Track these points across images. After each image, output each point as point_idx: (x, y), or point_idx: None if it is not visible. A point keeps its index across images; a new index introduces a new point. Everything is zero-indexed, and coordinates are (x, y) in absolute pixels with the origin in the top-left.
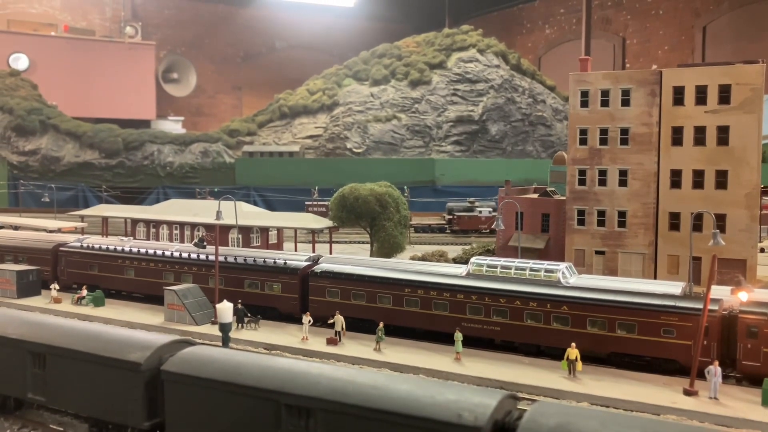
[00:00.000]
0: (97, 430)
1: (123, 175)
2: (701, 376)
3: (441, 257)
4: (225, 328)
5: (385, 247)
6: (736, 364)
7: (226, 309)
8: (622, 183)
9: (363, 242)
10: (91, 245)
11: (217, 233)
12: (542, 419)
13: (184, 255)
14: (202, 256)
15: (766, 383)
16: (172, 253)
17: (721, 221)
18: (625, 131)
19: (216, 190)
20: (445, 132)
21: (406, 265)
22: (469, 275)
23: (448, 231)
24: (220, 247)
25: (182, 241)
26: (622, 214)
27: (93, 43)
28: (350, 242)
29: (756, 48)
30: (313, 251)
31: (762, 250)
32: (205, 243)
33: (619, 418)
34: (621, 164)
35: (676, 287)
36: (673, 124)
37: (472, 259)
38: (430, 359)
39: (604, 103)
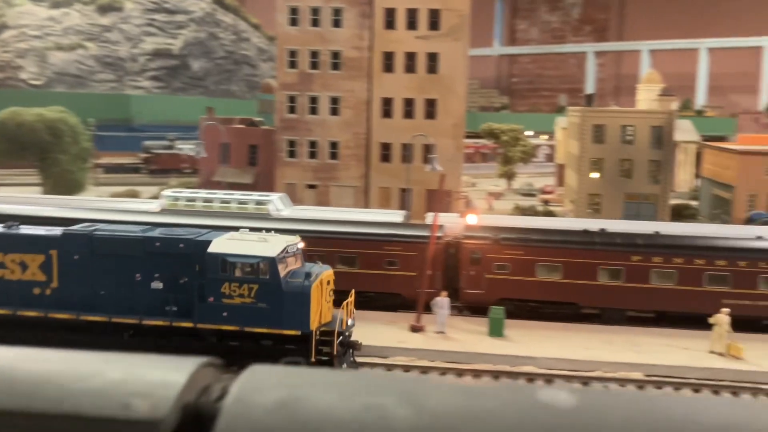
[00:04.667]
0: None
1: None
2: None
3: (133, 197)
4: None
5: (61, 186)
6: (459, 293)
7: None
8: (334, 111)
9: (32, 185)
10: None
11: None
12: (256, 396)
13: None
14: None
15: (492, 312)
16: None
17: (430, 152)
18: (336, 55)
19: None
20: (142, 66)
21: (88, 203)
22: (163, 211)
23: (144, 171)
24: None
25: None
26: (334, 146)
27: None
28: (15, 185)
29: None
30: None
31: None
32: None
33: (363, 382)
34: (333, 91)
35: (398, 216)
36: (385, 50)
37: (166, 192)
38: None
39: (315, 23)
